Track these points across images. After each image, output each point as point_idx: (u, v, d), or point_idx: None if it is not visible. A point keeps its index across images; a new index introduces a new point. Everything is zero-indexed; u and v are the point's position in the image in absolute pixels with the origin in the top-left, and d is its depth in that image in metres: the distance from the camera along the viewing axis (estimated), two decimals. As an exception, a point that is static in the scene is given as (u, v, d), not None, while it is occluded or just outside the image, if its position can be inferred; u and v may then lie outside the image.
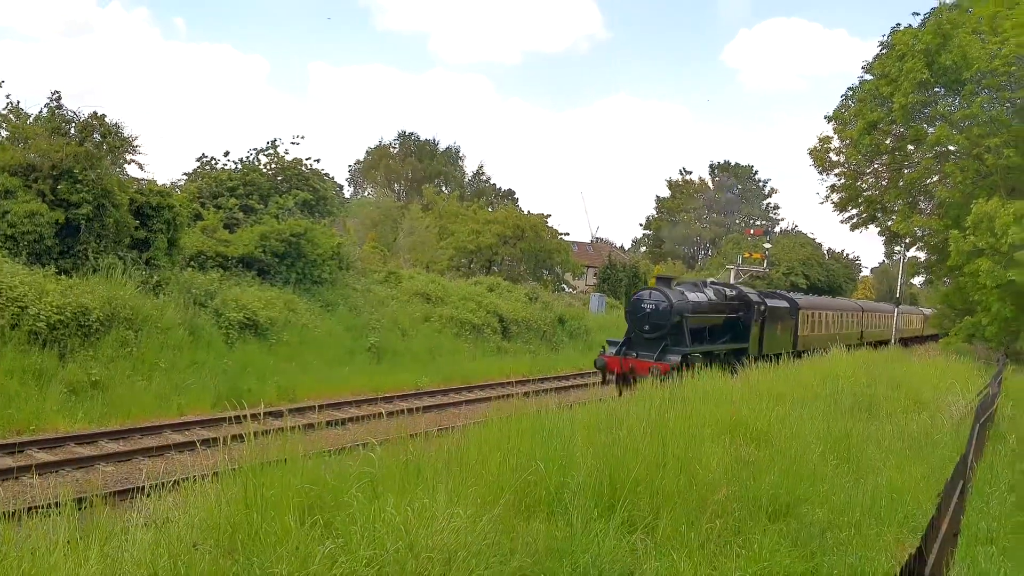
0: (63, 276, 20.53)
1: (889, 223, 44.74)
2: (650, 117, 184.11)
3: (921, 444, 14.64)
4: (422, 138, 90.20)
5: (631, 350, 24.18)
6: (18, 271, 19.32)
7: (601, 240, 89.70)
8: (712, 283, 29.32)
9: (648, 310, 24.47)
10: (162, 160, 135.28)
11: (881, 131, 41.49)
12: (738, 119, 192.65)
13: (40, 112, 24.17)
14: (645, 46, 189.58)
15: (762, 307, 29.65)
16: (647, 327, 24.35)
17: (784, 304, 33.45)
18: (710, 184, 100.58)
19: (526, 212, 58.21)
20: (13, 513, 7.89)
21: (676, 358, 23.03)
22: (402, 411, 19.17)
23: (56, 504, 7.22)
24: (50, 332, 18.51)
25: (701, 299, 26.50)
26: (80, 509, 7.48)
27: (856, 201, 45.87)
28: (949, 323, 44.61)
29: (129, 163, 24.67)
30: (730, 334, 28.27)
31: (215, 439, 14.81)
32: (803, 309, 35.44)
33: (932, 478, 11.69)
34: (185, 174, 33.27)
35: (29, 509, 8.25)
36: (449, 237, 53.73)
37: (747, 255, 61.46)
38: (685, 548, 7.97)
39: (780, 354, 28.91)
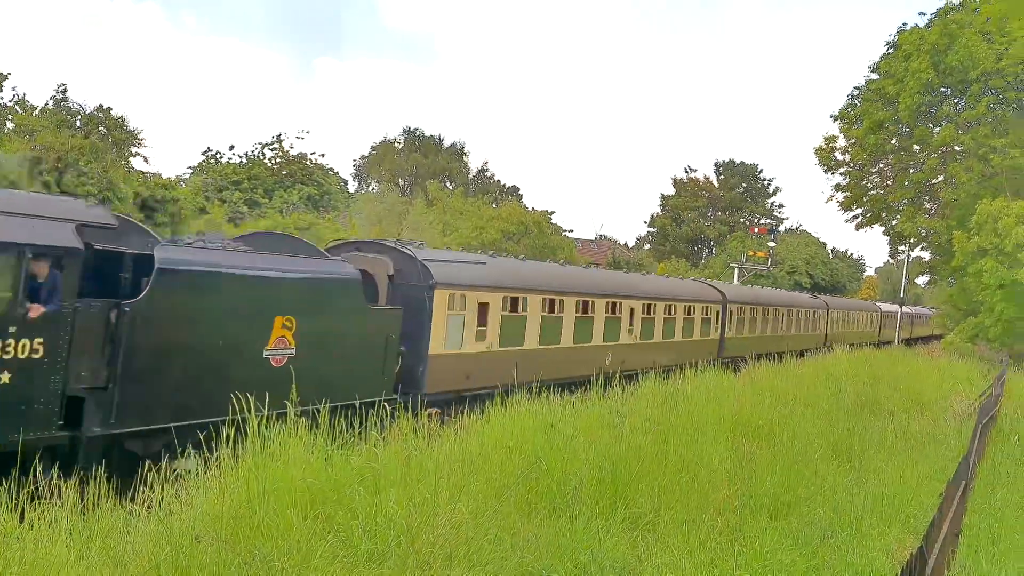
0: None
1: (894, 223, 44.69)
2: (655, 115, 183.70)
3: (924, 444, 14.63)
4: (427, 134, 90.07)
5: None
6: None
7: (605, 238, 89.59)
8: None
9: None
10: (168, 154, 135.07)
11: (887, 131, 41.42)
12: (744, 117, 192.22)
13: (46, 104, 24.20)
14: (652, 42, 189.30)
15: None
16: None
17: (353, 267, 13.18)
18: (715, 182, 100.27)
19: (530, 209, 58.17)
20: (16, 505, 7.92)
21: None
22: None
23: (59, 495, 7.23)
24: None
25: None
26: (83, 501, 7.49)
27: (861, 200, 45.79)
28: (953, 323, 44.50)
29: (135, 156, 24.76)
30: None
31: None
32: (442, 287, 14.72)
33: (934, 478, 11.70)
34: (190, 168, 33.40)
35: (32, 500, 8.26)
36: (453, 233, 53.61)
37: (752, 253, 61.13)
38: (686, 545, 7.97)
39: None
